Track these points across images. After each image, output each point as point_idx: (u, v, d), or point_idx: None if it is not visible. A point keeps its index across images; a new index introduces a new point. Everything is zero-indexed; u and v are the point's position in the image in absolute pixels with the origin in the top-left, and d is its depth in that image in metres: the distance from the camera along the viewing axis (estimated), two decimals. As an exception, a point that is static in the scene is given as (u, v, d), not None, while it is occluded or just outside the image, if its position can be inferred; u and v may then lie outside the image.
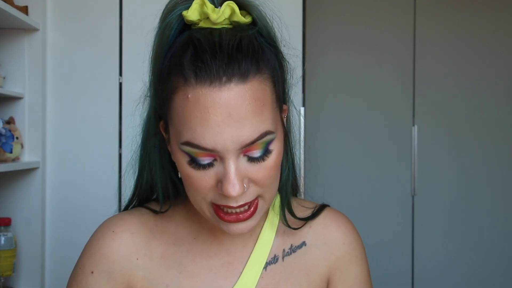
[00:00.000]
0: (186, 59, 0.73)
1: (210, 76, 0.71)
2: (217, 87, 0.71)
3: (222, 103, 0.71)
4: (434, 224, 3.06)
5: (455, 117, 3.09)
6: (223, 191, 0.72)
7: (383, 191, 3.06)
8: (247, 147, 0.72)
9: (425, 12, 3.08)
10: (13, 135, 1.89)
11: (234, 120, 0.71)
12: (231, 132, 0.71)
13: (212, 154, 0.72)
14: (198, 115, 0.71)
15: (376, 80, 3.07)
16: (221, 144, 0.71)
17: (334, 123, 3.09)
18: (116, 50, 2.07)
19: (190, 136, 0.72)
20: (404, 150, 3.07)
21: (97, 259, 0.83)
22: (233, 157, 0.72)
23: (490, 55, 3.09)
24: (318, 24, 3.05)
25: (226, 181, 0.72)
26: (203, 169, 0.73)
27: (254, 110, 0.72)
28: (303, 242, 0.87)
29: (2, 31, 2.00)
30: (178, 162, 0.76)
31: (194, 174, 0.74)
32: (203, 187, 0.74)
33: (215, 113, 0.71)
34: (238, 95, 0.71)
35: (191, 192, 0.77)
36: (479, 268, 3.05)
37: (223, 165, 0.73)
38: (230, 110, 0.71)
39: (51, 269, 2.06)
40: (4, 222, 1.90)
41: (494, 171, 3.08)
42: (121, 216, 0.87)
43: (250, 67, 0.73)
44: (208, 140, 0.71)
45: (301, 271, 0.86)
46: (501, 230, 3.07)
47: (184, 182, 0.78)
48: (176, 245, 0.85)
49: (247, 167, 0.74)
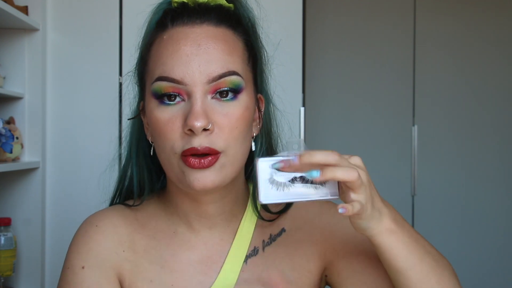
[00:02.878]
0: (168, 18, 0.80)
1: (184, 19, 0.78)
2: (190, 25, 0.77)
3: (193, 36, 0.76)
4: (434, 224, 3.06)
5: (455, 117, 3.09)
6: (187, 123, 0.74)
7: (383, 191, 3.02)
8: (214, 82, 0.75)
9: (425, 12, 3.08)
10: (13, 135, 1.88)
11: (203, 51, 0.75)
12: (199, 62, 0.75)
13: (179, 90, 0.75)
14: (169, 48, 0.76)
15: (376, 80, 3.07)
16: (189, 74, 0.74)
17: (334, 123, 3.09)
18: (116, 50, 2.07)
19: (161, 70, 0.76)
20: (404, 150, 3.06)
21: (85, 254, 0.83)
22: (200, 92, 0.75)
23: (490, 55, 3.09)
24: (318, 24, 3.05)
25: (191, 113, 0.74)
26: (171, 107, 0.76)
27: (224, 48, 0.77)
28: (282, 229, 0.87)
29: (2, 31, 2.00)
30: (149, 113, 0.79)
31: (162, 116, 0.76)
32: (171, 130, 0.76)
33: (185, 44, 0.76)
34: (209, 33, 0.77)
35: (161, 144, 0.78)
36: (479, 268, 3.04)
37: (190, 100, 0.75)
38: (200, 42, 0.76)
39: (51, 269, 2.05)
40: (4, 222, 1.90)
41: (494, 171, 3.08)
42: (102, 212, 0.88)
43: (224, 20, 0.79)
44: (178, 70, 0.75)
45: (283, 259, 0.85)
46: (501, 230, 3.07)
47: (155, 136, 0.79)
48: (156, 239, 0.85)
49: (213, 108, 0.76)
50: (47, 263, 2.05)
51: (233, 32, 0.80)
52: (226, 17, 0.80)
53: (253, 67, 0.83)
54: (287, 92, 1.06)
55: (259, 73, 0.85)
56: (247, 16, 0.84)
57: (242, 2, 0.84)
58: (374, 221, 0.72)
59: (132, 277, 0.83)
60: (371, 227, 0.72)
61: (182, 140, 0.75)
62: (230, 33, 0.79)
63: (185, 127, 0.75)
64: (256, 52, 0.84)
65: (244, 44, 0.81)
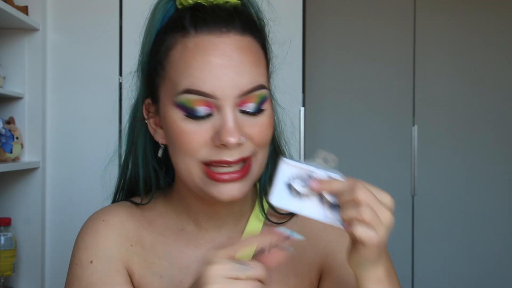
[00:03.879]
0: (186, 19, 0.75)
1: (210, 26, 0.73)
2: (217, 34, 0.73)
3: (223, 47, 0.73)
4: (434, 224, 3.06)
5: (455, 117, 3.09)
6: (221, 139, 0.72)
7: (383, 191, 3.05)
8: (244, 96, 0.73)
9: (425, 12, 3.08)
10: (13, 135, 1.88)
11: (234, 64, 0.72)
12: (231, 76, 0.72)
13: (209, 103, 0.72)
14: (198, 58, 0.72)
15: (376, 80, 3.07)
16: (220, 87, 0.72)
17: (334, 123, 3.09)
18: (116, 50, 2.07)
19: (189, 82, 0.72)
20: (404, 150, 3.06)
21: (93, 248, 0.82)
22: (231, 106, 0.73)
23: (490, 55, 3.09)
24: (318, 24, 3.05)
25: (224, 129, 0.72)
26: (200, 120, 0.73)
27: (252, 61, 0.74)
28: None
29: (2, 31, 2.00)
30: (170, 122, 0.75)
31: (189, 128, 0.73)
32: (197, 142, 0.73)
33: (216, 55, 0.72)
34: (237, 44, 0.74)
35: (182, 153, 0.75)
36: (479, 268, 3.04)
37: (221, 115, 0.73)
38: (231, 54, 0.73)
39: (51, 269, 2.05)
40: (4, 222, 1.90)
41: (494, 171, 3.08)
42: (108, 207, 0.88)
43: (247, 26, 0.76)
44: (208, 83, 0.72)
45: (288, 263, 0.84)
46: (501, 230, 3.07)
47: (174, 143, 0.76)
48: (163, 235, 0.85)
49: (243, 120, 0.74)
50: (47, 263, 2.05)
51: (256, 40, 0.77)
52: (249, 23, 0.77)
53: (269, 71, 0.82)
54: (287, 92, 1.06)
55: (270, 75, 0.84)
56: (261, 17, 0.82)
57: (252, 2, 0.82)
58: (370, 265, 0.70)
59: (142, 271, 0.83)
60: (364, 269, 0.70)
61: (210, 151, 0.74)
62: (254, 41, 0.77)
63: (216, 140, 0.73)
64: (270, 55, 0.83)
65: (263, 50, 0.80)
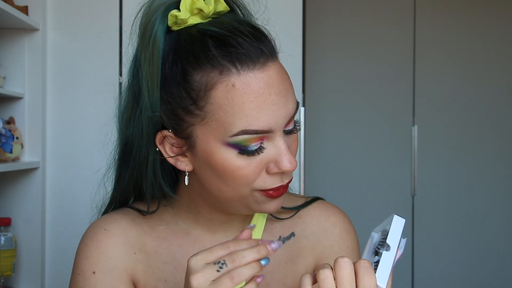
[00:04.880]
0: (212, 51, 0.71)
1: (249, 60, 0.71)
2: (260, 69, 0.72)
3: (272, 82, 0.72)
4: (434, 224, 3.06)
5: (455, 117, 3.09)
6: (281, 168, 0.73)
7: (383, 191, 3.06)
8: (290, 120, 0.74)
9: (425, 12, 3.08)
10: (13, 135, 1.88)
11: (283, 95, 0.72)
12: (283, 107, 0.72)
13: (263, 138, 0.72)
14: (253, 99, 0.71)
15: (376, 80, 3.08)
16: (275, 121, 0.72)
17: (334, 123, 3.09)
18: (116, 50, 2.07)
19: (245, 123, 0.71)
20: (404, 150, 3.07)
21: (95, 258, 0.82)
22: (280, 132, 0.73)
23: (490, 55, 3.09)
24: (318, 24, 3.05)
25: (282, 158, 0.73)
26: (253, 155, 0.73)
27: (290, 84, 0.75)
28: (292, 233, 0.87)
29: (2, 31, 2.00)
30: (220, 161, 0.73)
31: (243, 164, 0.73)
32: (252, 174, 0.73)
33: (270, 93, 0.71)
34: (277, 72, 0.73)
35: (236, 186, 0.74)
36: (479, 268, 3.05)
37: (274, 144, 0.73)
38: (279, 86, 0.72)
39: (51, 269, 2.05)
40: (4, 222, 1.90)
41: (494, 171, 3.08)
42: (108, 215, 0.87)
43: (272, 46, 0.75)
44: (265, 121, 0.71)
45: (287, 262, 0.85)
46: (501, 230, 3.07)
47: (226, 178, 0.74)
48: (167, 240, 0.84)
49: (286, 141, 0.75)
50: (47, 263, 2.05)
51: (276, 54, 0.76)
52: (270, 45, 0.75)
53: None
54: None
55: None
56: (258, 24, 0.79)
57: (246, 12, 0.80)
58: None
59: (147, 277, 0.82)
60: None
61: (265, 179, 0.74)
62: (279, 61, 0.76)
63: (275, 169, 0.73)
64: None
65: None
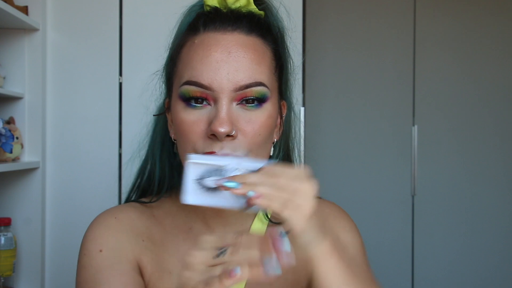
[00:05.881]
0: (199, 21, 0.81)
1: (216, 25, 0.79)
2: (222, 31, 0.79)
3: (224, 43, 0.78)
4: (434, 224, 3.06)
5: (455, 117, 3.09)
6: (212, 128, 0.75)
7: (383, 191, 3.06)
8: (241, 91, 0.77)
9: (425, 12, 3.08)
10: (13, 135, 1.89)
11: (232, 59, 0.77)
12: (228, 69, 0.76)
13: (207, 95, 0.77)
14: (200, 53, 0.78)
15: (376, 80, 3.07)
16: (217, 80, 0.76)
17: (334, 123, 3.09)
18: (116, 50, 2.07)
19: (190, 74, 0.77)
20: (404, 150, 3.06)
21: (103, 239, 0.83)
22: (226, 99, 0.76)
23: (490, 55, 3.09)
24: (318, 24, 3.05)
25: (216, 119, 0.75)
26: (196, 110, 0.77)
27: (253, 58, 0.78)
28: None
29: (2, 31, 2.00)
30: (175, 114, 0.80)
31: (187, 118, 0.78)
32: (194, 132, 0.77)
33: (216, 50, 0.77)
34: (240, 41, 0.78)
35: (183, 143, 0.80)
36: (479, 268, 3.05)
37: (216, 107, 0.77)
38: (230, 49, 0.77)
39: (51, 269, 2.05)
40: (4, 222, 1.90)
41: (494, 170, 3.08)
42: (118, 207, 0.89)
43: (255, 28, 0.81)
44: (206, 76, 0.76)
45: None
46: (501, 230, 3.07)
47: (178, 136, 0.81)
48: (173, 234, 0.87)
49: (238, 114, 0.77)
50: (47, 263, 2.05)
51: (262, 41, 0.81)
52: (257, 25, 0.81)
53: (279, 76, 0.84)
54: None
55: (284, 82, 0.86)
56: (277, 25, 0.85)
57: (272, 11, 0.86)
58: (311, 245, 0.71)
59: (154, 265, 0.84)
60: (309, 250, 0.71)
61: (204, 143, 0.77)
62: (260, 41, 0.80)
63: (208, 131, 0.76)
64: (283, 62, 0.85)
65: (273, 53, 0.82)
